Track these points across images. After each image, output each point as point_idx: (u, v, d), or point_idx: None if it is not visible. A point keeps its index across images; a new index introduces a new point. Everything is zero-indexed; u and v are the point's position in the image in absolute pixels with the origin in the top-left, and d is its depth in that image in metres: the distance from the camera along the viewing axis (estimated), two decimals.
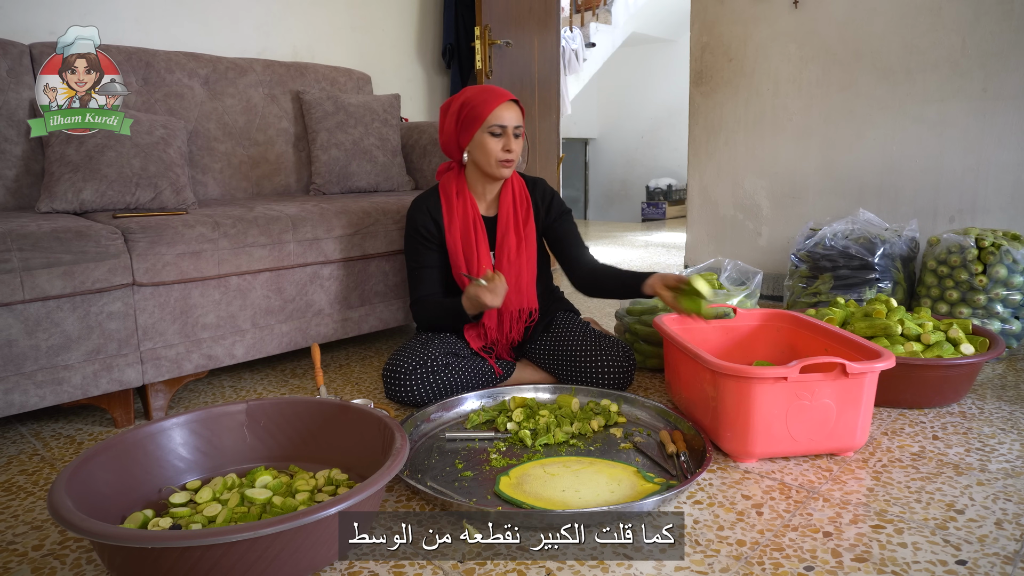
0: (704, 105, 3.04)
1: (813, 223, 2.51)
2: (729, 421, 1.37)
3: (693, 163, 3.12)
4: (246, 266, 1.78)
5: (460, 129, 1.72)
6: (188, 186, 1.97)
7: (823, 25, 2.66)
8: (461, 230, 1.78)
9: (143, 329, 1.62)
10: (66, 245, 1.47)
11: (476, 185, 1.82)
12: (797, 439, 1.36)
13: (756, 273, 2.04)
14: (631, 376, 1.76)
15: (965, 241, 2.07)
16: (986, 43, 2.34)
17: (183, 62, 2.31)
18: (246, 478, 1.25)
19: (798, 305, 2.37)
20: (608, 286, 1.79)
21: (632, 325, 2.03)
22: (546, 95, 3.69)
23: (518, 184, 1.86)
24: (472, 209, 1.79)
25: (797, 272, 2.43)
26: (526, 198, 1.84)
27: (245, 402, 1.36)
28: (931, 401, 1.65)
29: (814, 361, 1.31)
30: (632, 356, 1.77)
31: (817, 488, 1.27)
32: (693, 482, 1.22)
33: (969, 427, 1.54)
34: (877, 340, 1.75)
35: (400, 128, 2.69)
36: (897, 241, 2.26)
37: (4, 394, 1.44)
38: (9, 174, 1.94)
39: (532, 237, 1.82)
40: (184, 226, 1.67)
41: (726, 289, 2.04)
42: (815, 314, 1.91)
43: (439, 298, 1.80)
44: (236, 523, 1.08)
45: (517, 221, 1.81)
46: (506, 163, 1.72)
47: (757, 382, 1.31)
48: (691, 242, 3.19)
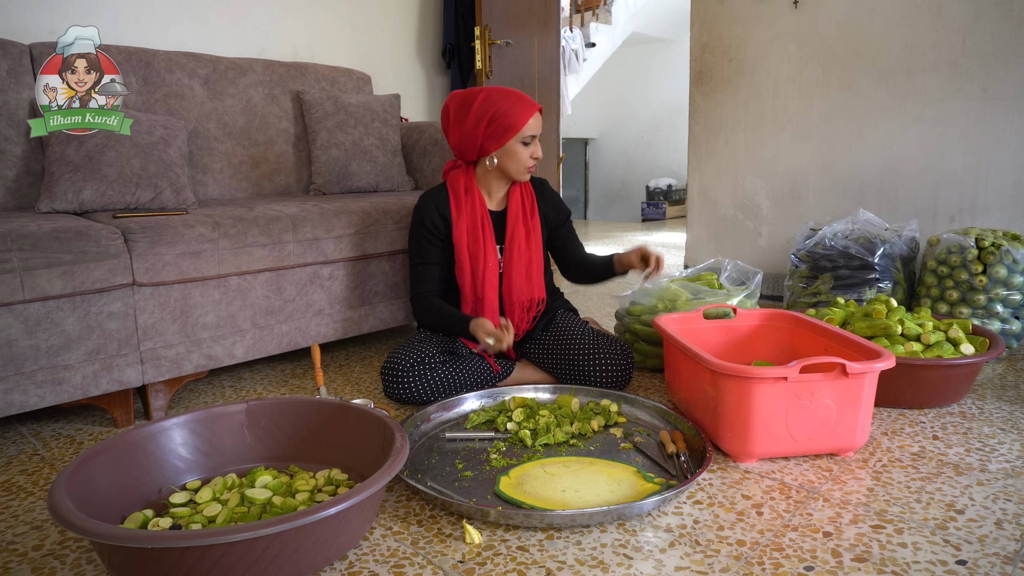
0: (704, 105, 3.04)
1: (813, 223, 2.51)
2: (729, 421, 1.37)
3: (693, 163, 3.12)
4: (246, 266, 1.78)
5: (489, 135, 1.74)
6: (188, 186, 1.97)
7: (823, 25, 2.66)
8: (469, 226, 1.80)
9: (143, 329, 1.62)
10: (66, 245, 1.47)
11: (488, 183, 1.85)
12: (797, 439, 1.36)
13: (756, 273, 2.04)
14: (629, 375, 1.77)
15: (965, 241, 2.07)
16: (986, 43, 2.34)
17: (183, 62, 2.31)
18: (246, 478, 1.25)
19: (798, 305, 2.37)
20: (592, 272, 1.96)
21: (632, 325, 2.03)
22: (546, 95, 3.69)
23: (525, 183, 1.89)
24: (480, 206, 1.82)
25: (797, 272, 2.43)
26: (531, 193, 1.89)
27: (245, 402, 1.36)
28: (931, 401, 1.65)
29: (814, 361, 1.31)
30: (631, 355, 1.78)
31: (817, 488, 1.27)
32: (693, 482, 1.22)
33: (969, 427, 1.54)
34: (877, 340, 1.75)
35: (400, 128, 2.69)
36: (897, 241, 2.26)
37: (4, 394, 1.44)
38: (9, 174, 1.94)
39: (538, 230, 1.87)
40: (184, 226, 1.67)
41: (726, 289, 2.04)
42: (815, 314, 1.91)
43: (444, 305, 1.81)
44: (236, 523, 1.08)
45: (526, 215, 1.86)
46: (531, 169, 1.80)
47: (757, 382, 1.31)
48: (691, 242, 3.19)
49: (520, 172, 1.79)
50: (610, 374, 1.73)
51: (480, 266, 1.79)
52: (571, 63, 5.51)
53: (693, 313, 1.79)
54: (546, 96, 3.68)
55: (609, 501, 1.20)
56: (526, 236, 1.84)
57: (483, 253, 1.79)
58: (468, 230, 1.80)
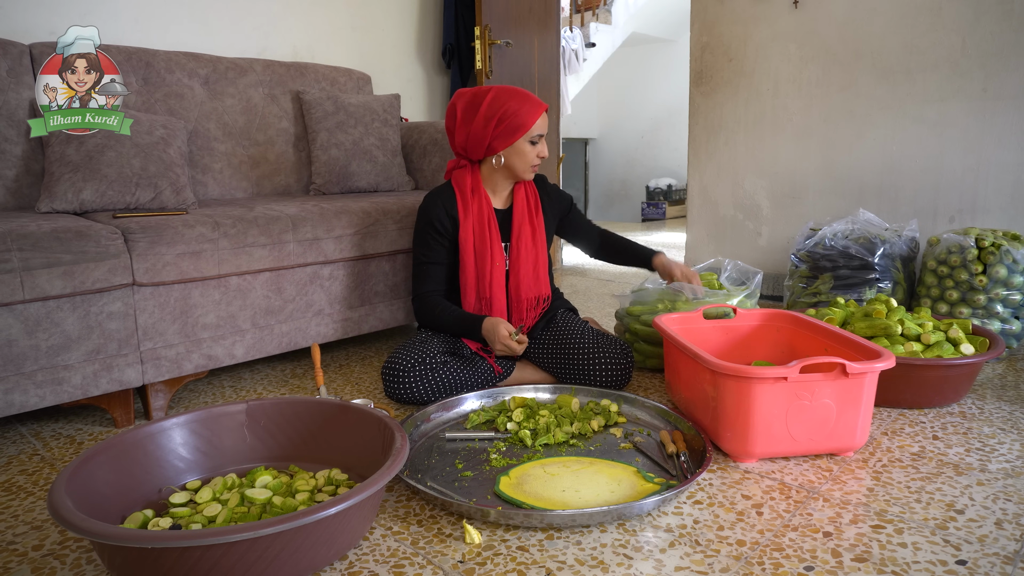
0: (704, 105, 3.04)
1: (813, 223, 2.51)
2: (729, 421, 1.37)
3: (693, 163, 3.12)
4: (246, 266, 1.78)
5: (498, 135, 1.75)
6: (188, 186, 1.97)
7: (823, 25, 2.66)
8: (476, 224, 1.81)
9: (143, 329, 1.62)
10: (66, 245, 1.47)
11: (494, 182, 1.86)
12: (797, 439, 1.36)
13: (756, 273, 2.04)
14: (629, 374, 1.77)
15: (965, 241, 2.07)
16: (986, 43, 2.34)
17: (183, 62, 2.31)
18: (246, 478, 1.25)
19: (798, 305, 2.37)
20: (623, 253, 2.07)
21: (632, 325, 2.03)
22: (546, 95, 3.69)
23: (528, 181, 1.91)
24: (487, 205, 1.83)
25: (797, 272, 2.43)
26: (534, 192, 1.91)
27: (245, 402, 1.36)
28: (931, 401, 1.65)
29: (814, 361, 1.31)
30: (630, 354, 1.78)
31: (817, 488, 1.27)
32: (693, 482, 1.22)
33: (969, 427, 1.54)
34: (877, 340, 1.75)
35: (400, 128, 2.69)
36: (897, 241, 2.26)
37: (4, 394, 1.44)
38: (9, 174, 1.94)
39: (543, 228, 1.89)
40: (184, 226, 1.67)
41: (726, 289, 2.04)
42: (815, 314, 1.91)
43: (451, 306, 1.81)
44: (236, 523, 1.08)
45: (531, 212, 1.87)
46: (536, 167, 1.81)
47: (757, 382, 1.31)
48: (691, 242, 3.19)
49: (526, 171, 1.80)
50: (610, 374, 1.73)
51: (487, 266, 1.79)
52: (571, 63, 5.50)
53: (693, 313, 1.79)
54: (546, 96, 3.68)
55: (609, 501, 1.20)
56: (532, 234, 1.85)
57: (490, 252, 1.80)
58: (475, 229, 1.80)
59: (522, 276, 1.82)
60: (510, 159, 1.79)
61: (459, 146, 1.83)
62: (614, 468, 1.34)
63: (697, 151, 3.10)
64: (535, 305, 1.85)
